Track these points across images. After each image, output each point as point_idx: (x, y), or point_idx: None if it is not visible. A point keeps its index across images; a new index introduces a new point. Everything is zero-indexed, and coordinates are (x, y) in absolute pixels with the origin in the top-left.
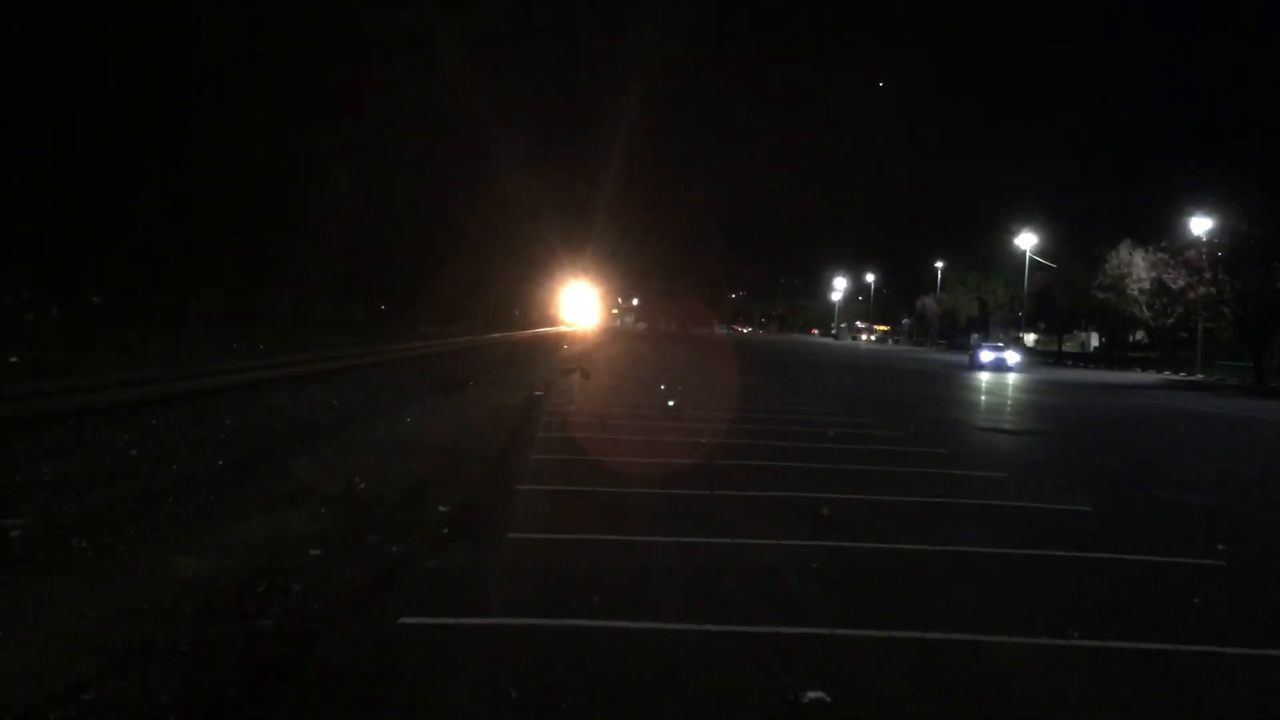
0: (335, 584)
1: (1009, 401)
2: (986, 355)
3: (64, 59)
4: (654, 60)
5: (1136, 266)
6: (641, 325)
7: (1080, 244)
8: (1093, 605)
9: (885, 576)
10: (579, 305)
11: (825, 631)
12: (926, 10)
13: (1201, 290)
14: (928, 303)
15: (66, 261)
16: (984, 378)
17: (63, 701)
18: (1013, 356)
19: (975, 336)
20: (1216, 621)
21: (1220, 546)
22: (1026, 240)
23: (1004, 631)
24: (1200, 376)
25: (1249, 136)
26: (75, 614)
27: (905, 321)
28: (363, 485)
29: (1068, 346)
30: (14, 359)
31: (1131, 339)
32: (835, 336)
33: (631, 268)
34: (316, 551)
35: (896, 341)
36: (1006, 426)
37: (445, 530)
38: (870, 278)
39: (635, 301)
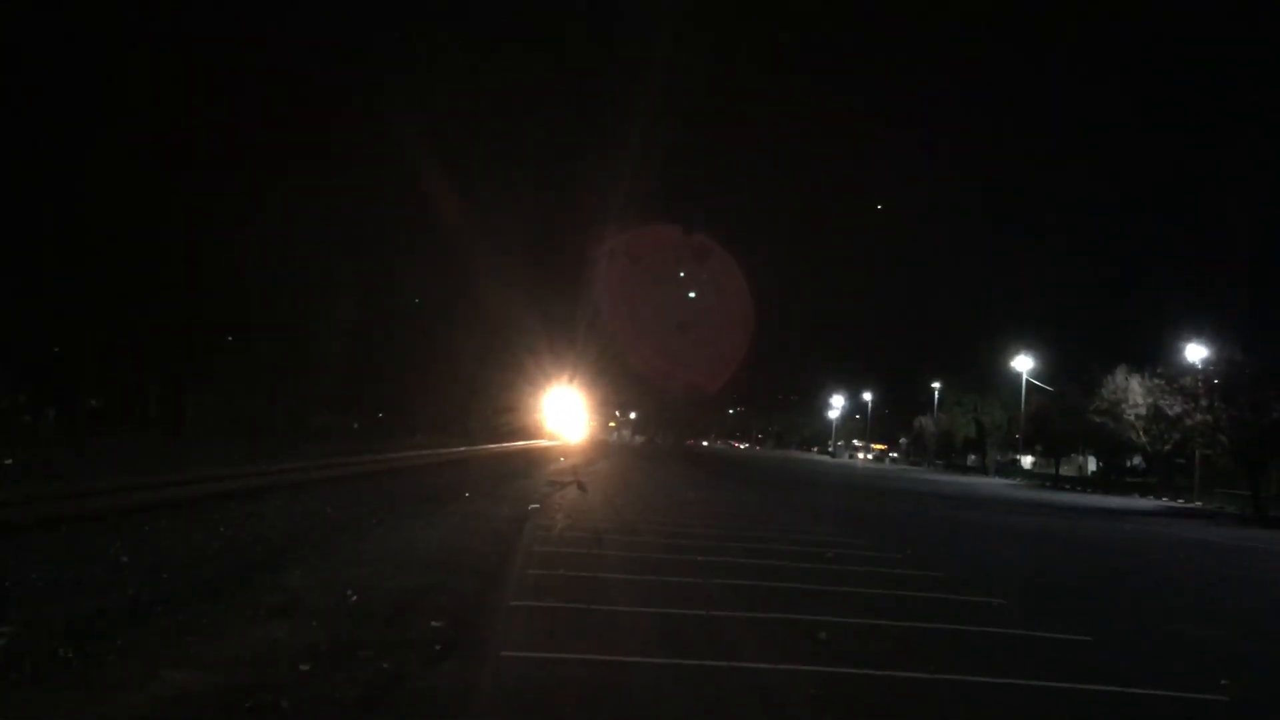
0: (325, 702)
1: None
2: None
3: (59, 165)
4: (644, 171)
5: (1133, 392)
6: (639, 438)
7: (1077, 367)
8: None
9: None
10: (574, 417)
11: None
12: (921, 130)
13: (1198, 417)
14: (925, 423)
15: (64, 365)
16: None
17: None
18: None
19: (972, 457)
20: None
21: (1223, 681)
22: (1023, 363)
23: None
24: (1199, 503)
25: (1244, 265)
26: None
27: (902, 441)
28: (355, 598)
29: (1064, 470)
30: (9, 461)
31: (1129, 463)
32: (832, 454)
33: (629, 380)
34: (306, 667)
35: (894, 461)
36: None
37: (438, 647)
38: (868, 396)
39: (633, 415)
